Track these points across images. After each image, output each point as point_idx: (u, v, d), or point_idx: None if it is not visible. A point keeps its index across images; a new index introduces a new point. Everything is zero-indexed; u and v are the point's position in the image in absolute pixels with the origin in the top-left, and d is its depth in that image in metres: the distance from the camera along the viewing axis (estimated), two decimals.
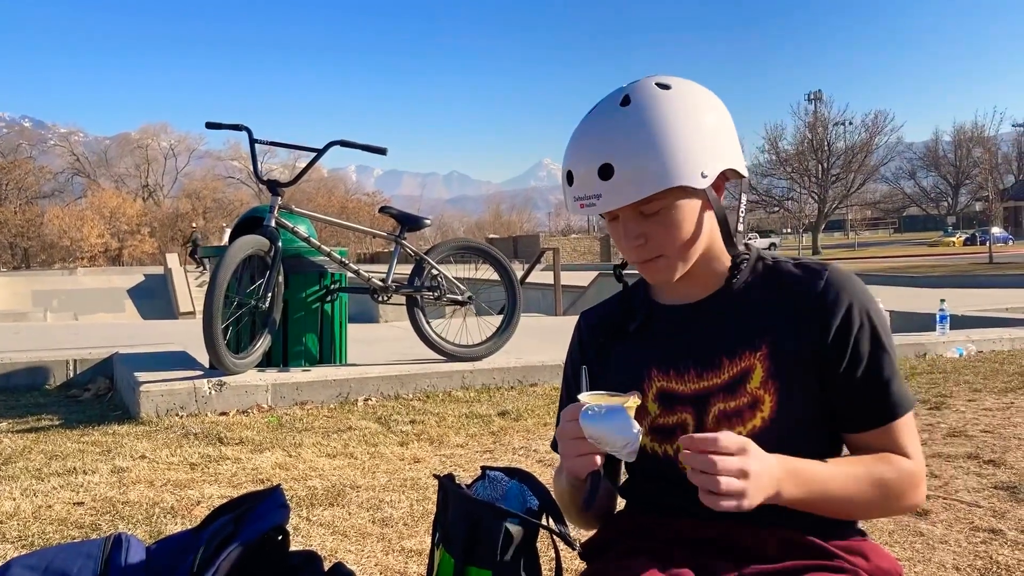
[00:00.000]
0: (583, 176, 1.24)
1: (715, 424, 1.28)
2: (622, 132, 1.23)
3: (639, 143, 1.22)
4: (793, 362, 1.26)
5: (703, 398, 1.29)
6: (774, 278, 1.33)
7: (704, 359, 1.31)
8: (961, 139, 75.45)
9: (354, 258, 49.38)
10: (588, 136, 1.26)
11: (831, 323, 1.26)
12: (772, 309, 1.30)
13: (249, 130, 5.12)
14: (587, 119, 1.28)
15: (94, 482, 3.28)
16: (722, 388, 1.28)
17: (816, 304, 1.27)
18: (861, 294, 1.29)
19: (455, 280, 5.71)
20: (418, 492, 3.15)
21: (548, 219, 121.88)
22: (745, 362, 1.28)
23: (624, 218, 1.27)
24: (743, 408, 1.26)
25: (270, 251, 4.80)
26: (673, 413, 1.32)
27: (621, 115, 1.24)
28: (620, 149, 1.22)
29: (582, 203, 1.25)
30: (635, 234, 1.27)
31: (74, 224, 56.64)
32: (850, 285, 1.28)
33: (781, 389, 1.25)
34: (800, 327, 1.27)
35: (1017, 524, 2.72)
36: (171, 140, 77.19)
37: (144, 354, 5.86)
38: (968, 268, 26.83)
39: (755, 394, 1.26)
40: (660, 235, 1.27)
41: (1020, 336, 7.36)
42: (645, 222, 1.27)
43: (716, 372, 1.30)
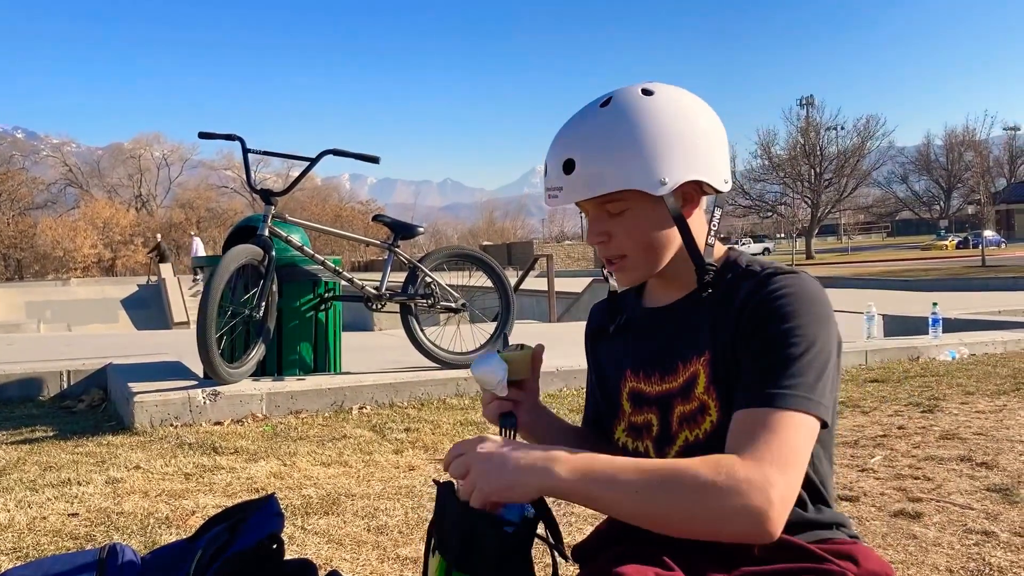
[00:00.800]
0: (551, 169, 1.30)
1: (678, 425, 1.31)
2: (589, 131, 1.27)
3: (600, 144, 1.26)
4: (728, 366, 1.25)
5: (666, 400, 1.33)
6: (735, 284, 1.30)
7: (665, 363, 1.34)
8: (952, 143, 75.75)
9: (349, 266, 49.29)
10: (562, 132, 1.31)
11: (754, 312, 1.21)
12: (720, 314, 1.29)
13: (242, 140, 5.13)
14: (571, 117, 1.33)
15: (88, 493, 3.27)
16: (678, 392, 1.31)
17: (753, 300, 1.23)
18: (790, 287, 1.21)
19: (449, 287, 5.71)
20: (413, 500, 3.15)
21: (542, 226, 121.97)
22: (692, 368, 1.30)
23: (594, 216, 1.32)
24: (696, 412, 1.29)
25: (264, 260, 4.80)
26: (642, 413, 1.36)
27: (594, 115, 1.28)
28: (582, 147, 1.27)
29: (548, 194, 1.31)
30: (598, 231, 1.32)
31: (67, 235, 56.52)
32: (793, 283, 1.22)
33: (721, 394, 1.25)
34: (738, 328, 1.23)
35: (1010, 526, 2.74)
36: (164, 150, 77.08)
37: (138, 364, 5.86)
38: (961, 271, 26.93)
39: (702, 399, 1.28)
40: (621, 236, 1.30)
41: (1013, 339, 7.39)
42: (609, 221, 1.30)
43: (673, 376, 1.33)
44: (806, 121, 62.68)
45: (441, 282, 5.66)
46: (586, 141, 1.27)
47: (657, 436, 1.33)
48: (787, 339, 1.17)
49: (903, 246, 64.51)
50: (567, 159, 1.26)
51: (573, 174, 1.26)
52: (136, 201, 72.38)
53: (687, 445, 1.30)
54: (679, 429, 1.30)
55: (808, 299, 1.20)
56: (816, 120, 62.57)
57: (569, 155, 1.26)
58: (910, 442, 3.97)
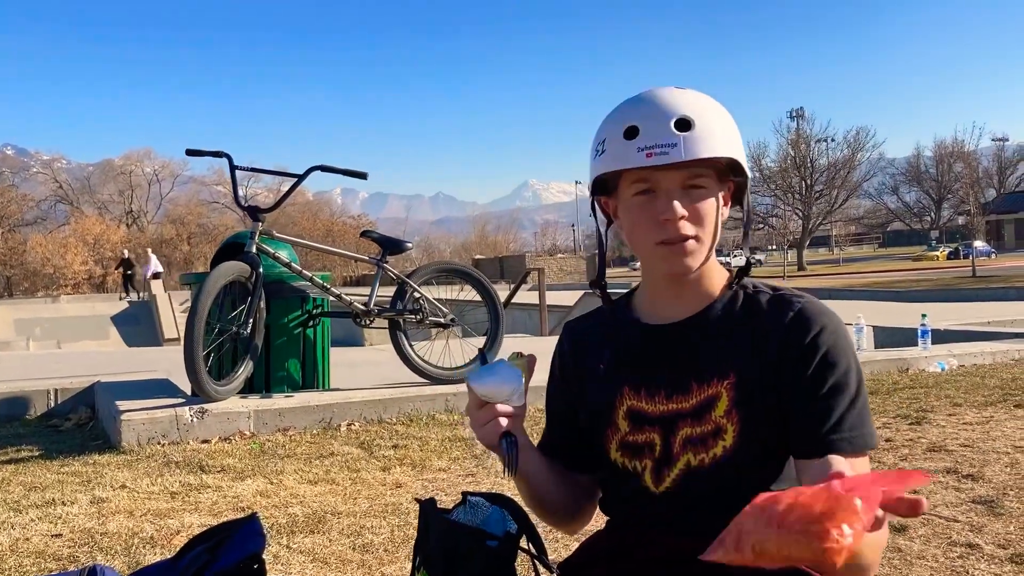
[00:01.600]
0: (655, 126, 1.23)
1: (681, 448, 1.29)
2: (696, 99, 1.27)
3: (713, 109, 1.27)
4: (758, 393, 1.26)
5: (671, 420, 1.30)
6: (751, 306, 1.33)
7: (675, 382, 1.31)
8: (942, 154, 76.15)
9: (340, 281, 49.18)
10: (656, 98, 1.27)
11: (797, 350, 1.26)
12: (745, 337, 1.30)
13: (229, 156, 5.14)
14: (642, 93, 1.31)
15: (73, 513, 3.26)
16: (689, 413, 1.29)
17: (786, 333, 1.27)
18: (832, 326, 1.27)
19: (438, 302, 5.71)
20: (399, 518, 3.14)
21: (534, 239, 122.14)
22: (712, 389, 1.28)
23: (669, 191, 1.26)
24: (707, 435, 1.27)
25: (251, 277, 4.80)
26: (642, 432, 1.33)
27: (684, 91, 1.29)
28: (697, 109, 1.25)
29: (651, 152, 1.22)
30: (682, 204, 1.26)
31: (57, 251, 56.32)
32: (821, 316, 1.28)
33: (744, 420, 1.25)
34: (767, 357, 1.27)
35: (994, 538, 2.74)
36: (155, 166, 76.93)
37: (126, 382, 5.83)
38: (952, 282, 27.03)
39: (719, 423, 1.26)
40: (697, 213, 1.27)
41: (1001, 350, 7.42)
42: (685, 197, 1.26)
43: (685, 396, 1.30)
44: (796, 133, 62.94)
45: (430, 297, 5.66)
46: (699, 105, 1.26)
47: (659, 457, 1.31)
48: (847, 382, 1.25)
49: (894, 257, 64.77)
50: (682, 117, 1.23)
51: (692, 131, 1.22)
52: (127, 217, 72.20)
53: (688, 469, 1.28)
54: (681, 451, 1.28)
55: (845, 334, 1.30)
56: (806, 132, 62.82)
57: (685, 113, 1.23)
58: (897, 455, 3.98)
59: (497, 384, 1.27)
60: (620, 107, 1.31)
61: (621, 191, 1.31)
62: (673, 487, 1.29)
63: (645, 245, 1.30)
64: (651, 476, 1.31)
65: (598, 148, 1.30)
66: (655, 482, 1.31)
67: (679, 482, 1.29)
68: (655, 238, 1.28)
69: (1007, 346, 7.62)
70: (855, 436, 1.23)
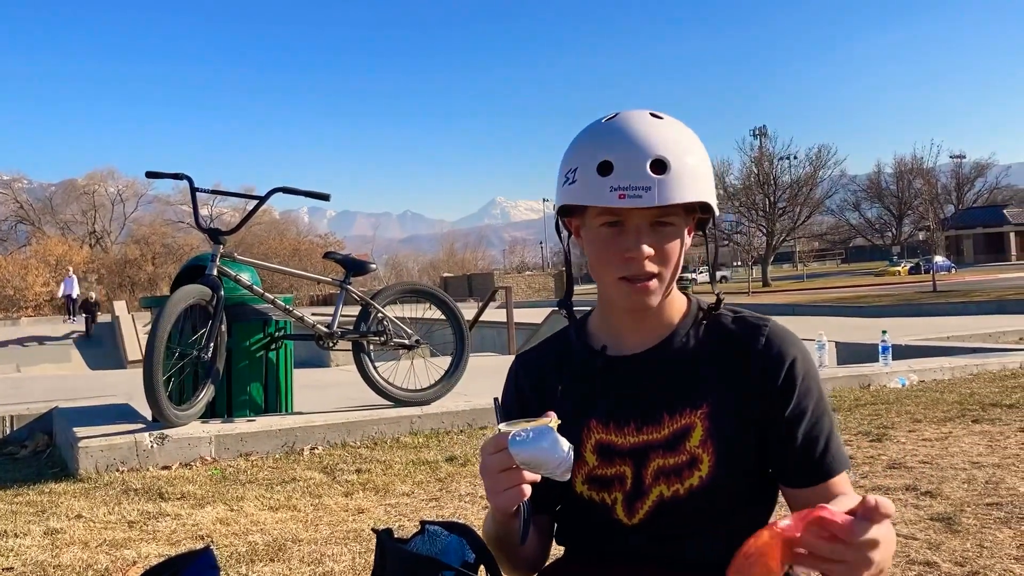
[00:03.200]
0: (630, 167, 1.19)
1: (653, 479, 1.28)
2: (672, 136, 1.23)
3: (688, 149, 1.23)
4: (733, 422, 1.27)
5: (642, 452, 1.29)
6: (716, 332, 1.33)
7: (645, 414, 1.30)
8: (902, 171, 77.45)
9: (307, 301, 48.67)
10: (633, 130, 1.22)
11: (775, 380, 1.27)
12: (714, 366, 1.30)
13: (190, 179, 5.09)
14: (618, 120, 1.25)
15: (25, 545, 3.18)
16: (661, 444, 1.28)
17: (758, 361, 1.28)
18: (801, 352, 1.30)
19: (402, 323, 5.69)
20: (361, 544, 3.11)
21: (503, 256, 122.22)
22: (685, 420, 1.28)
23: (638, 227, 1.24)
24: (682, 466, 1.26)
25: (212, 300, 4.75)
26: (612, 465, 1.31)
27: (662, 123, 1.24)
28: (673, 149, 1.21)
29: (623, 193, 1.19)
30: (650, 243, 1.24)
31: (18, 272, 55.32)
32: (790, 341, 1.29)
33: (720, 449, 1.25)
34: (741, 385, 1.28)
35: (951, 555, 2.77)
36: (118, 185, 76.04)
37: (85, 408, 5.73)
38: (913, 297, 27.44)
39: (694, 452, 1.26)
40: (663, 251, 1.25)
41: (960, 365, 7.54)
42: (653, 235, 1.24)
43: (656, 427, 1.29)
44: (760, 151, 63.74)
45: (393, 318, 5.63)
46: (675, 144, 1.22)
47: (630, 490, 1.29)
48: (824, 407, 1.29)
49: (857, 272, 65.64)
50: (658, 158, 1.19)
51: (668, 175, 1.19)
52: (90, 238, 71.22)
53: (661, 500, 1.27)
54: (653, 483, 1.27)
55: (810, 357, 1.32)
56: (769, 150, 63.64)
57: (661, 154, 1.20)
58: (858, 472, 4.02)
59: (546, 454, 1.15)
60: (594, 134, 1.26)
61: (588, 217, 1.28)
62: (647, 518, 1.28)
63: (607, 278, 1.29)
64: (623, 509, 1.30)
65: (568, 176, 1.26)
66: (627, 514, 1.29)
67: (653, 513, 1.28)
68: (618, 273, 1.26)
69: (965, 361, 7.74)
70: (840, 455, 1.28)
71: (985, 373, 7.31)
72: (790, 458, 1.27)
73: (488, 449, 1.18)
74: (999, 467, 3.97)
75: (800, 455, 1.26)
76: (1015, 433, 4.74)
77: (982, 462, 4.08)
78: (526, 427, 1.16)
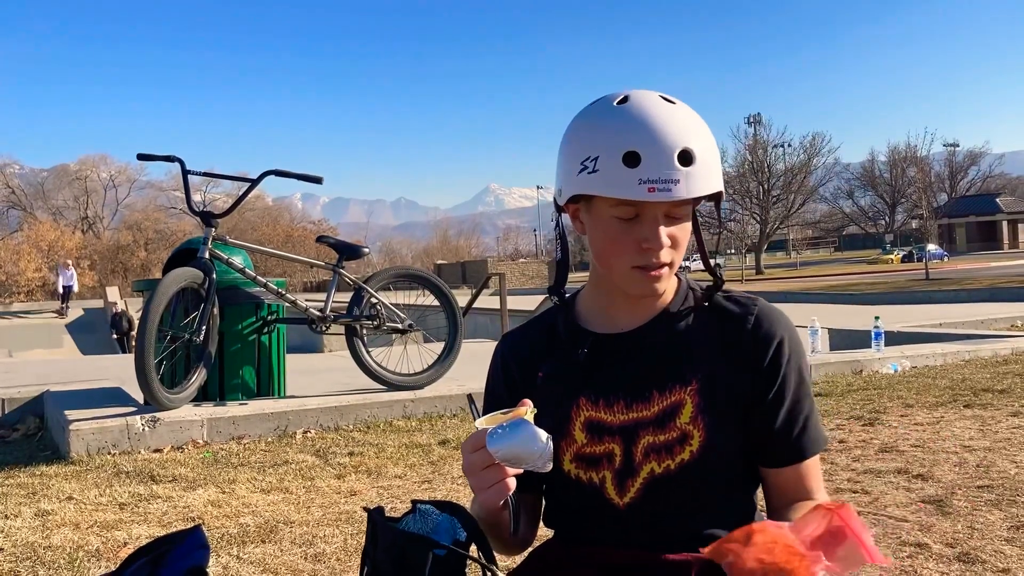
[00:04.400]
0: (659, 159, 1.15)
1: (643, 456, 1.27)
2: (691, 123, 1.19)
3: (707, 136, 1.21)
4: (723, 398, 1.27)
5: (631, 429, 1.28)
6: (705, 311, 1.33)
7: (634, 391, 1.29)
8: (896, 159, 77.51)
9: (301, 287, 48.53)
10: (656, 119, 1.17)
11: (762, 359, 1.27)
12: (703, 343, 1.30)
13: (182, 161, 5.06)
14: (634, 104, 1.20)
15: (16, 527, 3.17)
16: (652, 421, 1.27)
17: (747, 339, 1.28)
18: (789, 330, 1.30)
19: (395, 308, 5.67)
20: (353, 526, 3.11)
21: (496, 244, 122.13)
22: (675, 396, 1.27)
23: (656, 217, 1.21)
24: (672, 442, 1.26)
25: (204, 283, 4.72)
26: (601, 443, 1.30)
27: (676, 108, 1.20)
28: (695, 137, 1.18)
29: (653, 187, 1.15)
30: (667, 234, 1.22)
31: (10, 258, 55.06)
32: (779, 321, 1.30)
33: (710, 425, 1.25)
34: (730, 362, 1.28)
35: (942, 537, 2.78)
36: (111, 171, 75.54)
37: (76, 391, 5.72)
38: (906, 285, 27.49)
39: (684, 429, 1.26)
40: (676, 240, 1.24)
41: (952, 351, 7.56)
42: (669, 225, 1.22)
43: (645, 404, 1.28)
44: (754, 139, 63.69)
45: (387, 303, 5.62)
46: (696, 133, 1.18)
47: (620, 468, 1.28)
48: (807, 388, 1.31)
49: (850, 260, 65.81)
50: (685, 148, 1.16)
51: (694, 166, 1.16)
52: (82, 223, 70.88)
53: (652, 477, 1.26)
54: (643, 461, 1.27)
55: (798, 336, 1.33)
56: (763, 138, 63.59)
57: (687, 145, 1.16)
58: (850, 456, 4.03)
59: (523, 448, 1.13)
60: (616, 120, 1.20)
61: (597, 204, 1.24)
62: (639, 496, 1.28)
63: (619, 267, 1.26)
64: (613, 487, 1.29)
65: (587, 164, 1.19)
66: (619, 493, 1.29)
67: (644, 491, 1.27)
68: (632, 262, 1.24)
69: (957, 347, 7.76)
70: (817, 436, 1.30)
71: (977, 359, 7.34)
72: (768, 437, 1.28)
73: (468, 447, 1.16)
74: (990, 451, 3.98)
75: (778, 435, 1.28)
76: (1006, 418, 4.76)
77: (973, 446, 4.09)
78: (502, 421, 1.14)
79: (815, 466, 1.30)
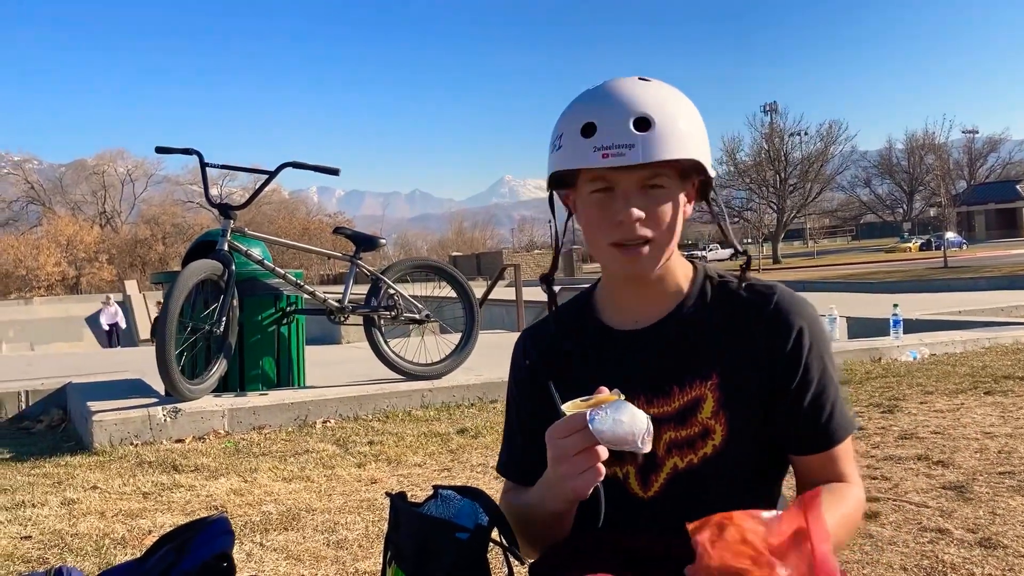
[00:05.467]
0: (613, 126, 1.18)
1: (665, 452, 1.27)
2: (657, 94, 1.22)
3: (676, 106, 1.22)
4: (743, 391, 1.27)
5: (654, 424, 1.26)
6: (724, 301, 1.32)
7: (654, 387, 1.29)
8: (913, 147, 76.93)
9: (318, 279, 48.64)
10: (616, 92, 1.22)
11: (782, 348, 1.26)
12: (722, 336, 1.29)
13: (200, 154, 5.09)
14: (604, 85, 1.25)
15: (43, 515, 3.22)
16: (673, 417, 1.28)
17: (766, 329, 1.27)
18: (810, 317, 1.29)
19: (412, 298, 5.69)
20: (374, 513, 3.13)
21: (511, 235, 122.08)
22: (696, 391, 1.27)
23: (627, 190, 1.22)
24: (695, 437, 1.26)
25: (223, 275, 4.76)
26: None
27: (648, 84, 1.23)
28: (658, 107, 1.20)
29: (607, 152, 1.17)
30: (639, 205, 1.22)
31: (30, 253, 55.59)
32: (799, 308, 1.28)
33: (731, 418, 1.25)
34: (750, 354, 1.27)
35: (963, 523, 2.77)
36: (128, 166, 76.03)
37: (98, 383, 5.77)
38: (924, 273, 27.31)
39: (706, 424, 1.26)
40: (654, 215, 1.23)
41: (971, 338, 7.51)
42: (643, 198, 1.22)
43: (666, 400, 1.28)
44: (770, 127, 63.38)
45: (404, 293, 5.64)
46: (661, 103, 1.20)
47: (643, 462, 1.28)
48: (832, 373, 1.29)
49: (868, 249, 65.38)
50: (641, 116, 1.18)
51: (651, 132, 1.18)
52: (100, 218, 71.39)
53: (675, 472, 1.27)
54: (666, 456, 1.27)
55: (820, 322, 1.31)
56: (780, 126, 63.28)
57: (644, 112, 1.18)
58: (869, 443, 4.02)
59: (630, 427, 1.11)
60: (579, 99, 1.26)
61: (579, 187, 1.27)
62: (662, 491, 1.28)
63: (599, 245, 1.27)
64: (637, 481, 1.30)
65: (555, 143, 1.25)
66: (643, 487, 1.29)
67: (667, 485, 1.28)
68: (609, 239, 1.25)
69: (977, 334, 7.71)
70: (846, 421, 1.29)
71: (997, 347, 7.28)
72: (796, 426, 1.27)
73: (559, 433, 1.15)
74: (1012, 437, 3.96)
75: (806, 423, 1.27)
76: None
77: (994, 432, 4.07)
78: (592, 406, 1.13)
79: (846, 450, 1.29)
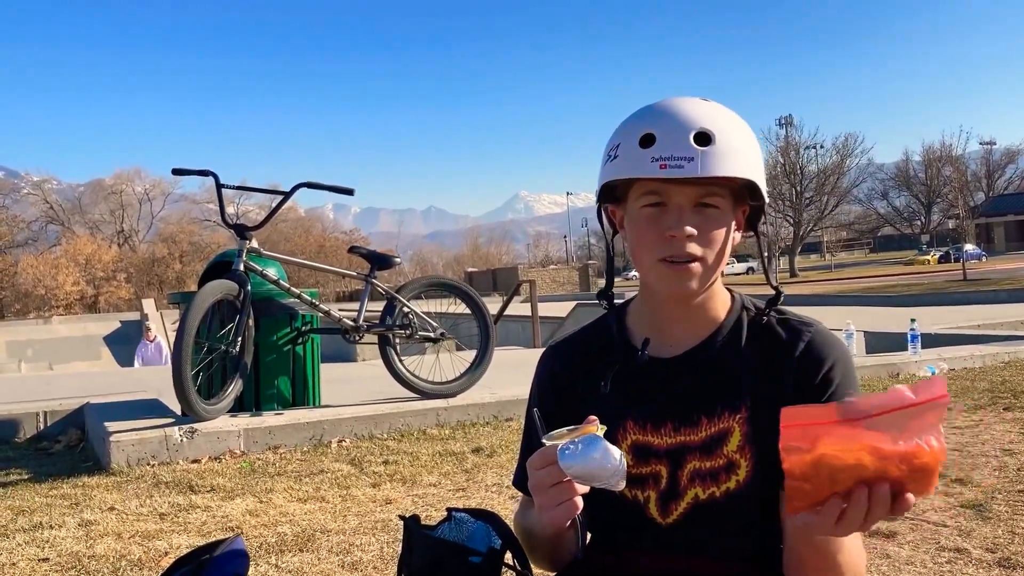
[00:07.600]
0: (672, 138, 1.18)
1: (688, 481, 1.26)
2: (718, 114, 1.22)
3: (735, 127, 1.22)
4: (772, 427, 1.26)
5: (678, 453, 1.28)
6: (759, 334, 1.31)
7: (683, 415, 1.28)
8: (930, 159, 76.48)
9: (334, 297, 48.78)
10: (677, 107, 1.22)
11: (811, 381, 1.25)
12: (754, 368, 1.29)
13: (216, 175, 5.13)
14: (664, 101, 1.25)
15: (60, 537, 3.24)
16: (698, 447, 1.27)
17: (798, 366, 1.26)
18: (842, 355, 1.28)
19: (427, 317, 5.71)
20: (389, 534, 3.13)
21: (527, 251, 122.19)
22: (724, 423, 1.26)
23: (680, 205, 1.21)
24: (719, 470, 1.25)
25: (239, 295, 4.79)
26: (647, 464, 1.29)
27: (708, 103, 1.24)
28: (719, 124, 1.20)
29: (665, 163, 1.17)
30: (692, 222, 1.21)
31: (49, 272, 56.09)
32: (832, 346, 1.28)
33: (758, 454, 1.24)
34: (781, 390, 1.26)
35: (982, 542, 2.75)
36: (145, 185, 76.71)
37: (116, 403, 5.81)
38: (943, 286, 27.10)
39: (731, 457, 1.25)
40: (706, 234, 1.22)
41: (990, 352, 7.44)
42: (696, 216, 1.22)
43: (694, 429, 1.27)
44: (785, 140, 63.16)
45: (419, 312, 5.66)
46: (722, 120, 1.21)
47: (664, 490, 1.27)
48: None
49: (886, 262, 64.97)
50: (702, 130, 1.18)
51: (711, 147, 1.17)
52: (118, 237, 71.99)
53: (697, 503, 1.26)
54: (688, 485, 1.26)
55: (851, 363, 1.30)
56: (795, 139, 63.05)
57: (705, 127, 1.18)
58: None
59: (598, 465, 1.09)
60: (639, 113, 1.26)
61: (630, 201, 1.27)
62: (681, 518, 1.27)
63: (647, 261, 1.26)
64: (657, 508, 1.28)
65: (611, 153, 1.24)
66: (662, 514, 1.28)
67: (687, 515, 1.27)
68: (659, 254, 1.24)
69: (997, 349, 7.64)
70: None
71: (1017, 361, 7.22)
72: None
73: (537, 463, 1.14)
74: None
75: None
76: None
77: (1014, 449, 4.03)
78: (573, 438, 1.11)
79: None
